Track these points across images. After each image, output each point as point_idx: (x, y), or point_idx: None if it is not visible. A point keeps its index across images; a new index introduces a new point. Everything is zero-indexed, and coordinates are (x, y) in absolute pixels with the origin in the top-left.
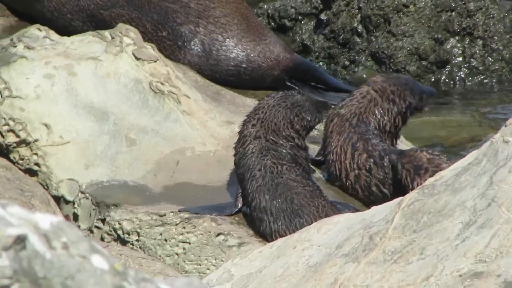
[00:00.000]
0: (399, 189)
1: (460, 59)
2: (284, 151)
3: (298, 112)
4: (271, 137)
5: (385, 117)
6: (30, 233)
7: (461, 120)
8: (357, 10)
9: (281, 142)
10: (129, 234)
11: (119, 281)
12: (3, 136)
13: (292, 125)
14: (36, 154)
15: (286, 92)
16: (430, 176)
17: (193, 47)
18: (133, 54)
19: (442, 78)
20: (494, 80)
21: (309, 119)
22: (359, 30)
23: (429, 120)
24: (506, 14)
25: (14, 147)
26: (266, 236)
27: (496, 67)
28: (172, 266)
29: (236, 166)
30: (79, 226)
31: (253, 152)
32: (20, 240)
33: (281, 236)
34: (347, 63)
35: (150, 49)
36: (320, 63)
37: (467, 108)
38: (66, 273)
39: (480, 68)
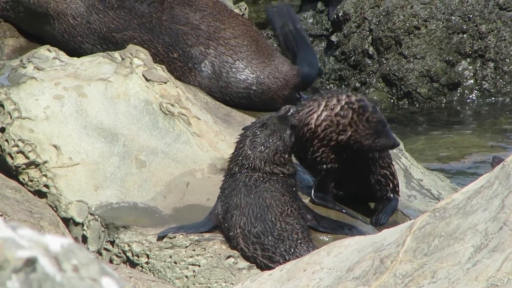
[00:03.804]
0: None
1: (472, 81)
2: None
3: (273, 150)
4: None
5: None
6: (41, 255)
7: (473, 142)
8: (368, 32)
9: (273, 174)
10: (138, 257)
11: None
12: (12, 158)
13: (274, 163)
14: (45, 175)
15: (248, 135)
16: None
17: (203, 68)
18: (143, 75)
19: (454, 100)
20: (506, 102)
21: (281, 145)
22: (370, 52)
23: (441, 142)
24: None
25: (23, 169)
26: (230, 232)
27: (508, 89)
28: None
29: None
30: (88, 248)
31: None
32: (31, 263)
33: (241, 228)
34: (358, 85)
35: (160, 71)
36: (331, 85)
37: (478, 130)
38: None
39: (492, 90)
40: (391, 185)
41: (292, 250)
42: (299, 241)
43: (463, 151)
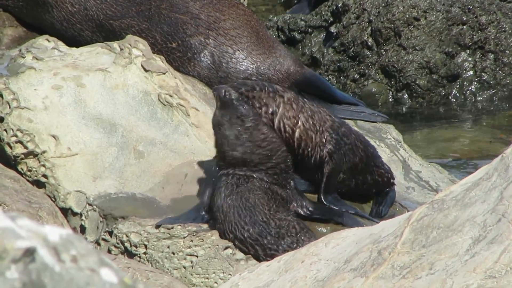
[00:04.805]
0: None
1: (471, 73)
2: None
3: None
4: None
5: None
6: (40, 245)
7: (471, 134)
8: (367, 23)
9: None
10: (136, 247)
11: None
12: (11, 147)
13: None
14: (44, 165)
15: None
16: None
17: (202, 59)
18: (142, 66)
19: (453, 92)
20: (505, 94)
21: (247, 123)
22: (369, 43)
23: (440, 134)
24: None
25: (22, 159)
26: (224, 235)
27: (508, 81)
28: (179, 280)
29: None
30: (86, 239)
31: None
32: (30, 253)
33: (232, 234)
34: (356, 76)
35: (159, 61)
36: (330, 76)
37: (477, 122)
38: (75, 286)
39: (491, 82)
40: (386, 179)
41: (295, 245)
42: (298, 235)
43: (461, 143)
